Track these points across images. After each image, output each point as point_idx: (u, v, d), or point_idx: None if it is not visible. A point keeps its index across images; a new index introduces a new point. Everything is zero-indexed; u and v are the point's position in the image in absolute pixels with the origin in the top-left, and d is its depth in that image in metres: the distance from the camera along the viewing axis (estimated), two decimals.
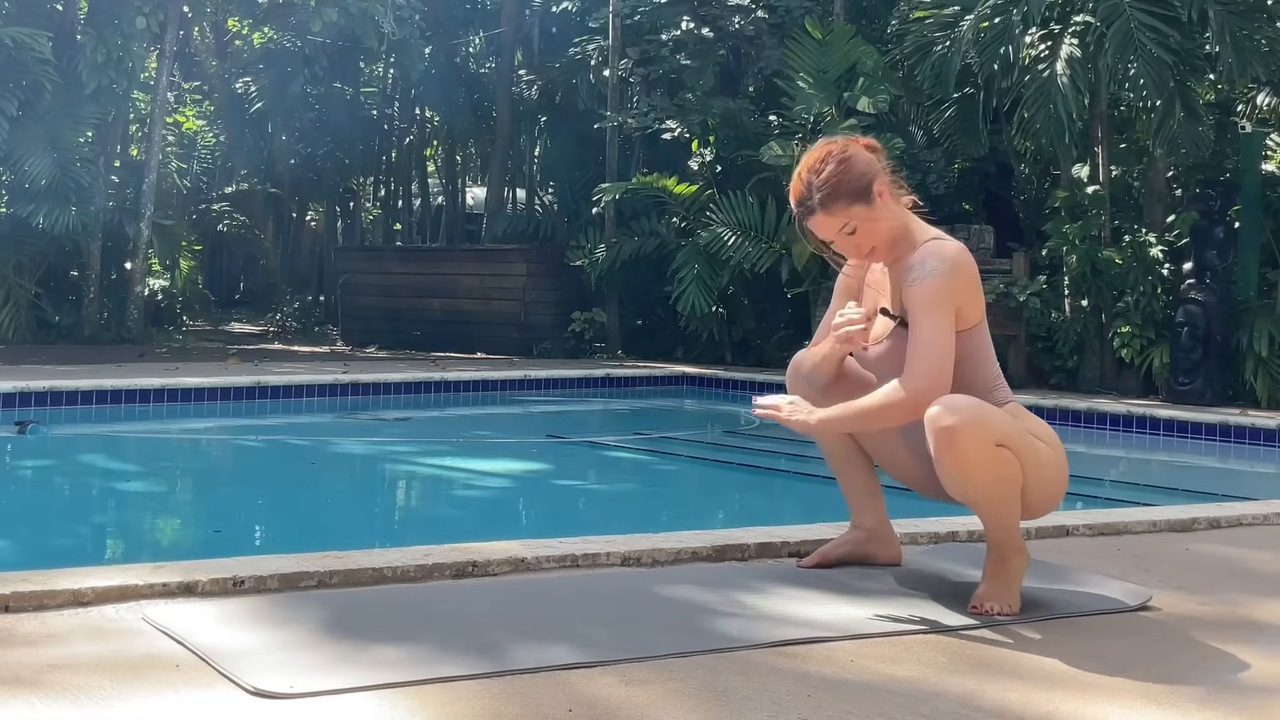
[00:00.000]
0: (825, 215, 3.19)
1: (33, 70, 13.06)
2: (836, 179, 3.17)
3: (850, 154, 3.21)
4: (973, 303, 3.18)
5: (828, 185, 3.18)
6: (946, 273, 3.10)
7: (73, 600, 2.91)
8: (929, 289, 3.10)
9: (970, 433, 2.99)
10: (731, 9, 14.06)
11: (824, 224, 3.21)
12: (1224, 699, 2.54)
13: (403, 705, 2.35)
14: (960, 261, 3.14)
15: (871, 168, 3.20)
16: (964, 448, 2.99)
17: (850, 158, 3.20)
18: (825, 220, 3.20)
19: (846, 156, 3.20)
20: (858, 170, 3.18)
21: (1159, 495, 6.57)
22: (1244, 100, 11.56)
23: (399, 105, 20.31)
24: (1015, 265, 11.18)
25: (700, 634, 2.84)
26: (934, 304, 3.10)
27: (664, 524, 5.96)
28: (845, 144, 3.25)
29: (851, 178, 3.17)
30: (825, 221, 3.20)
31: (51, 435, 8.02)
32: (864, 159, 3.21)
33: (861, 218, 3.17)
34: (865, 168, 3.19)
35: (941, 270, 3.10)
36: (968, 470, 3.02)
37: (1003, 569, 3.13)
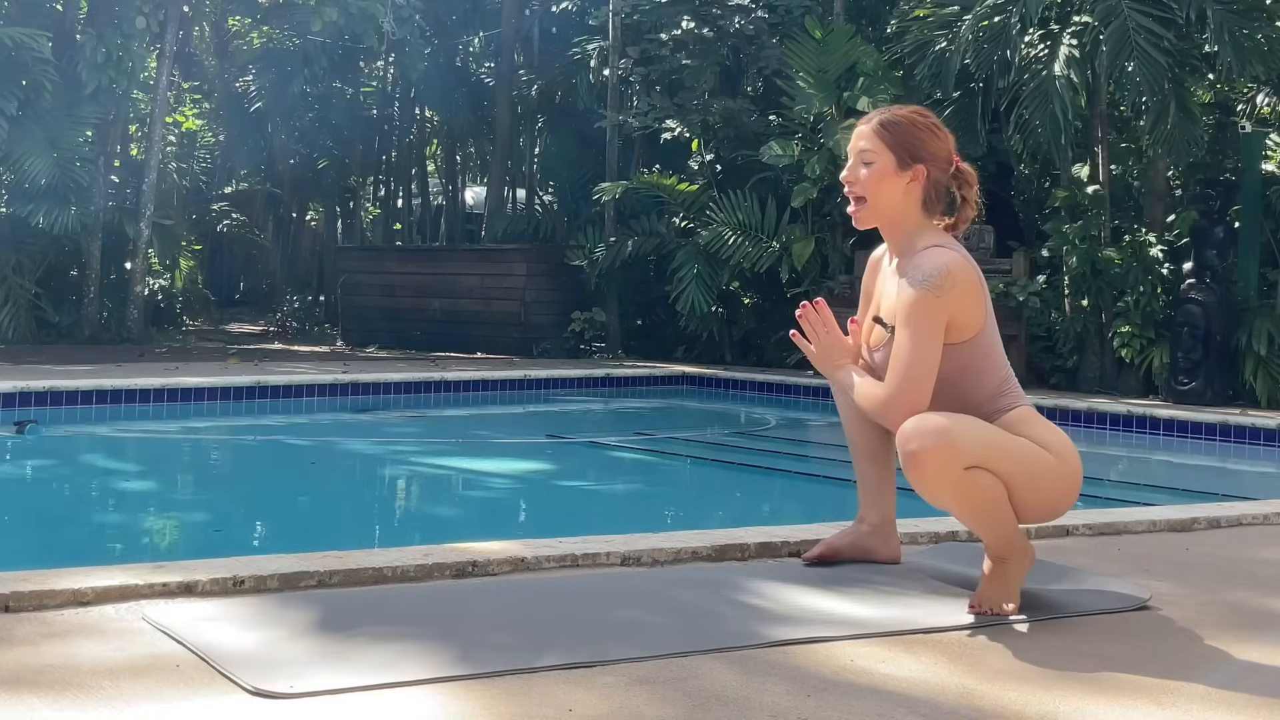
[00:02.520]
0: (870, 130, 3.21)
1: (33, 70, 13.07)
2: (912, 124, 3.20)
3: (941, 137, 3.22)
4: (970, 313, 3.15)
5: (901, 119, 3.20)
6: (937, 285, 3.08)
7: (73, 600, 2.91)
8: (912, 302, 3.09)
9: (934, 458, 2.96)
10: (731, 9, 14.06)
11: (861, 136, 3.23)
12: (1224, 699, 2.54)
13: (402, 705, 2.35)
14: (955, 271, 3.10)
15: (936, 157, 3.18)
16: (929, 473, 2.99)
17: (938, 136, 3.21)
18: (865, 134, 3.22)
19: (936, 133, 3.21)
20: (930, 143, 3.19)
21: (1159, 495, 6.58)
22: (1243, 100, 11.56)
23: (399, 105, 20.31)
24: (1015, 265, 11.18)
25: (700, 634, 2.84)
26: (915, 317, 3.09)
27: (664, 524, 5.96)
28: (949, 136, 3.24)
29: (919, 138, 3.18)
30: (864, 134, 3.22)
31: (50, 435, 8.01)
32: (942, 151, 3.20)
33: (884, 165, 3.18)
34: (934, 151, 3.19)
35: (932, 282, 3.08)
36: (936, 494, 3.04)
37: (1001, 570, 3.13)
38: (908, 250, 3.20)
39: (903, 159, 3.16)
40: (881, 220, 3.23)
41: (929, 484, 3.00)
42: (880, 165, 3.18)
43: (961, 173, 3.23)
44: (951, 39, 11.16)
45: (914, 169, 3.16)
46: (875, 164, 3.18)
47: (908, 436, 3.00)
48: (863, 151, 3.21)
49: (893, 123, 3.19)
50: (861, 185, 3.20)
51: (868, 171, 3.19)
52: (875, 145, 3.19)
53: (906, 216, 3.20)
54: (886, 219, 3.22)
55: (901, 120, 3.20)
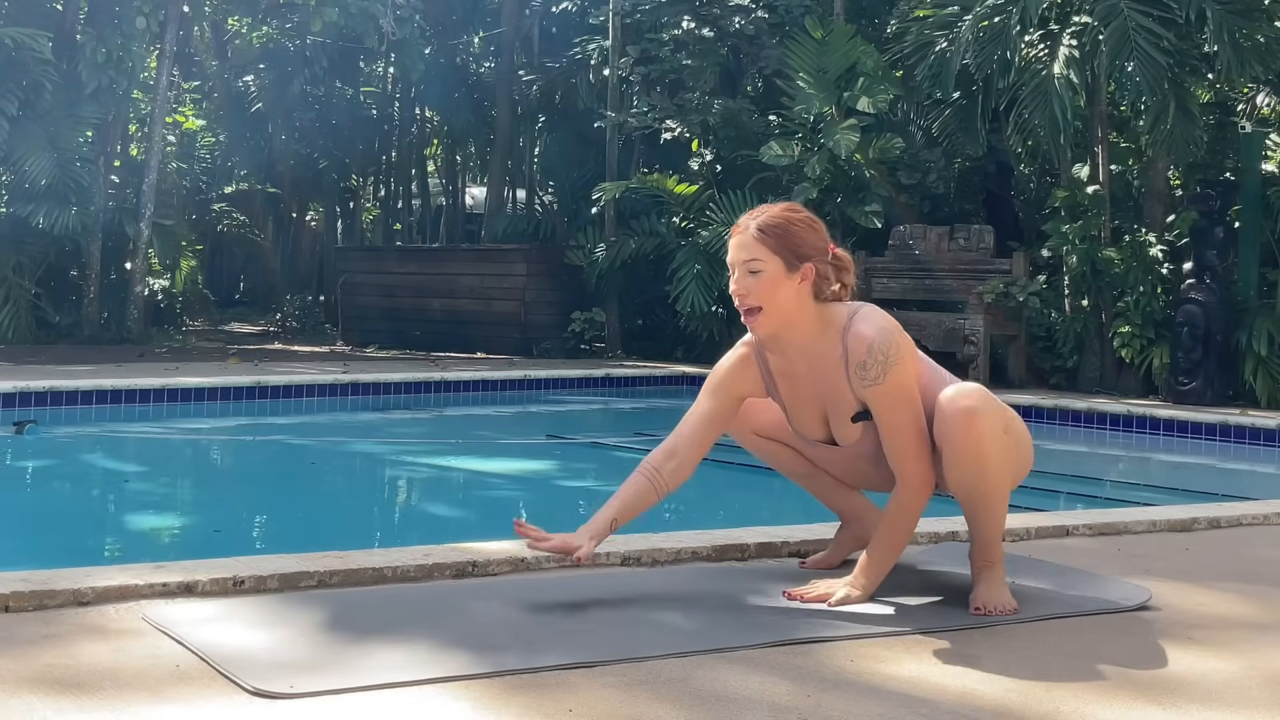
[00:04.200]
0: (751, 239, 3.14)
1: (33, 70, 13.07)
2: (789, 224, 3.15)
3: (817, 230, 3.19)
4: (911, 362, 3.17)
5: (779, 221, 3.15)
6: (896, 357, 3.08)
7: (73, 600, 2.91)
8: (894, 382, 3.09)
9: (987, 413, 3.08)
10: (732, 9, 14.06)
11: (743, 246, 3.15)
12: (1224, 699, 2.54)
13: (403, 705, 2.35)
14: (896, 336, 3.12)
15: (819, 251, 3.15)
16: (984, 427, 3.06)
17: (814, 229, 3.18)
18: (747, 243, 3.14)
19: (813, 227, 3.19)
20: (810, 240, 3.15)
21: (1159, 495, 6.57)
22: (1243, 100, 11.56)
23: (399, 105, 20.32)
24: (1015, 265, 11.18)
25: (700, 634, 2.84)
26: (902, 395, 3.11)
27: (664, 524, 5.96)
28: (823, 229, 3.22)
29: (799, 238, 3.14)
30: (746, 244, 3.14)
31: (50, 435, 8.01)
32: (821, 245, 3.17)
33: (773, 271, 3.12)
34: (816, 246, 3.16)
35: (892, 357, 3.08)
36: (983, 451, 3.07)
37: (991, 573, 3.16)
38: (814, 339, 3.18)
39: (790, 261, 3.12)
40: (781, 324, 3.16)
41: (982, 439, 3.06)
42: (769, 272, 3.12)
43: (839, 259, 3.20)
44: (951, 39, 11.16)
45: (802, 269, 3.12)
46: (764, 271, 3.12)
47: (956, 398, 3.08)
48: (748, 261, 3.13)
49: (771, 226, 3.13)
50: (755, 295, 3.13)
51: (757, 280, 3.13)
52: (760, 252, 3.12)
53: (803, 314, 3.16)
54: (785, 322, 3.16)
55: (779, 222, 3.15)
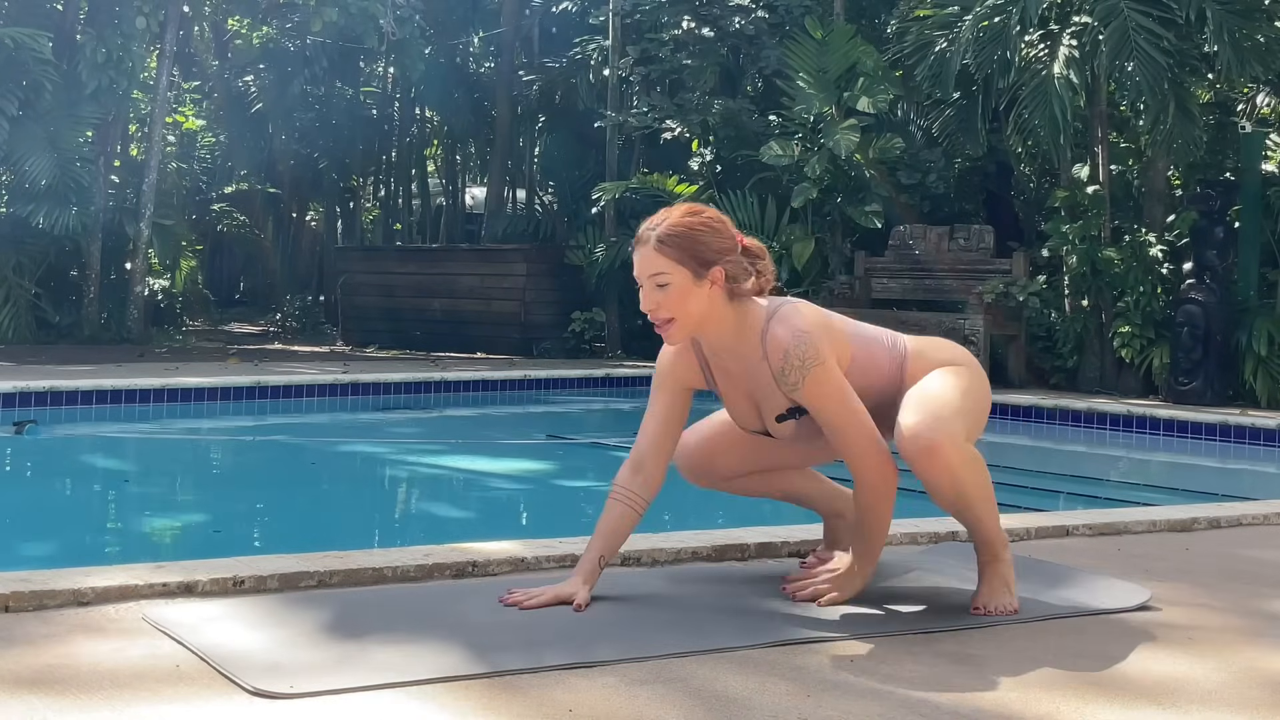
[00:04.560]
0: (653, 251, 3.02)
1: (33, 70, 13.07)
2: (690, 230, 3.03)
3: (720, 229, 3.07)
4: (840, 348, 3.11)
5: (679, 229, 3.03)
6: (814, 359, 3.00)
7: (73, 600, 2.91)
8: (816, 382, 3.02)
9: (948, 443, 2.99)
10: (732, 9, 14.06)
11: (646, 260, 3.03)
12: (1224, 699, 2.54)
13: (403, 705, 2.35)
14: (812, 337, 3.03)
15: (726, 251, 3.04)
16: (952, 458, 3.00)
17: (718, 230, 3.06)
18: (650, 257, 3.02)
19: (715, 227, 3.06)
20: (714, 243, 3.04)
21: (1159, 495, 6.57)
22: (1244, 100, 11.56)
23: (399, 105, 20.33)
24: (1015, 265, 11.18)
25: (700, 634, 2.84)
26: (829, 392, 3.03)
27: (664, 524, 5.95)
28: (726, 222, 3.11)
29: (703, 243, 3.02)
30: (649, 258, 3.02)
31: (49, 435, 8.01)
32: (727, 244, 3.06)
33: (680, 282, 3.01)
34: (721, 248, 3.04)
35: (809, 360, 3.00)
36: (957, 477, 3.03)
37: (997, 568, 3.14)
38: (734, 340, 3.11)
39: (696, 269, 3.01)
40: (694, 330, 3.09)
41: (950, 469, 3.01)
42: (677, 283, 3.01)
43: (750, 250, 3.11)
44: (951, 39, 11.16)
45: (710, 274, 3.02)
46: (671, 284, 3.01)
47: (915, 433, 3.00)
48: (654, 275, 3.02)
49: (672, 236, 3.01)
50: (665, 309, 3.03)
51: (665, 293, 3.01)
52: (664, 265, 3.01)
53: (719, 318, 3.07)
54: (699, 328, 3.08)
55: (680, 230, 3.02)
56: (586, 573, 3.09)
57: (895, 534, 3.90)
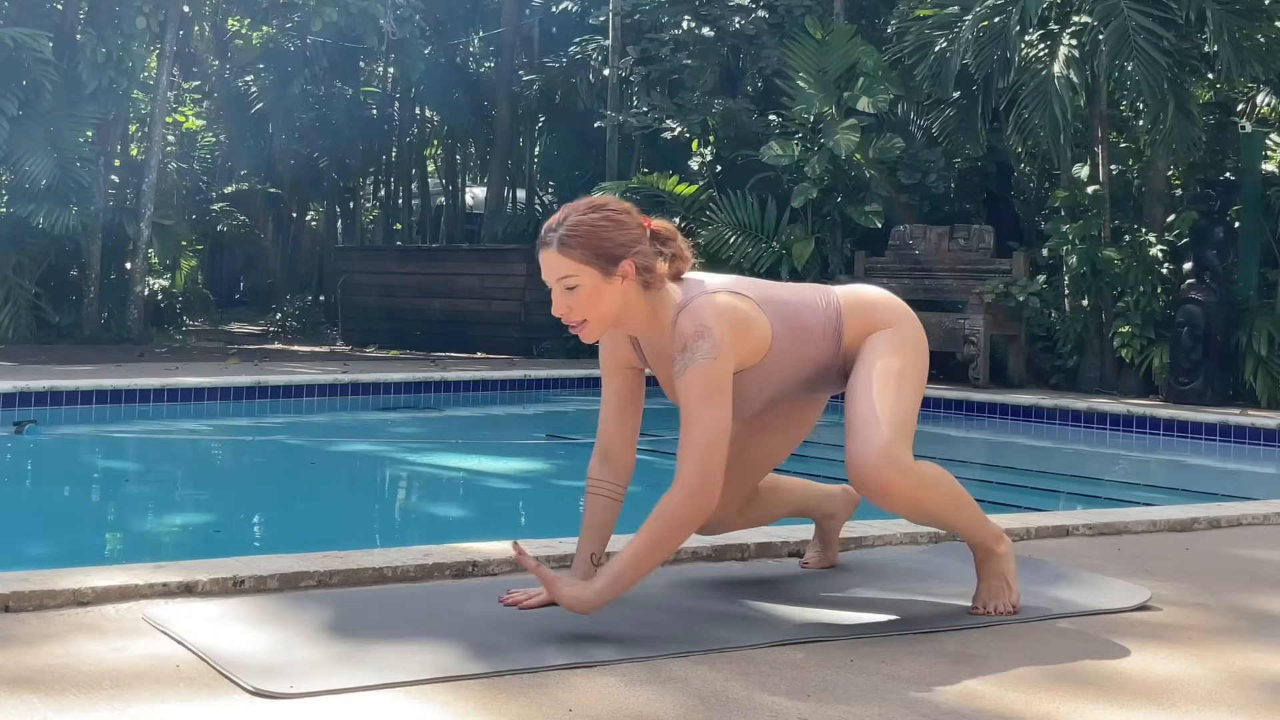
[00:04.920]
0: (556, 254, 2.89)
1: (33, 70, 13.07)
2: (592, 228, 2.90)
3: (624, 221, 2.94)
4: (753, 341, 2.98)
5: (580, 228, 2.90)
6: (708, 354, 2.86)
7: (73, 600, 2.91)
8: (690, 379, 2.87)
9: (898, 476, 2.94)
10: (732, 8, 14.06)
11: (551, 263, 2.90)
12: (1224, 699, 2.54)
13: (403, 705, 2.35)
14: (718, 328, 2.88)
15: (633, 243, 2.91)
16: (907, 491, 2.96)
17: (621, 222, 2.93)
18: (554, 260, 2.89)
19: (618, 220, 2.93)
20: (619, 237, 2.90)
21: (1159, 495, 6.57)
22: (1244, 100, 11.56)
23: (399, 105, 20.34)
24: (1015, 265, 11.18)
25: (700, 634, 2.84)
26: (697, 393, 2.86)
27: None
28: (630, 210, 2.98)
29: (607, 238, 2.89)
30: (553, 261, 2.90)
31: (49, 435, 8.01)
32: (630, 234, 2.92)
33: (589, 283, 2.89)
34: (627, 241, 2.91)
35: (702, 353, 2.86)
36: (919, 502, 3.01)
37: (994, 566, 3.13)
38: (654, 329, 3.00)
39: (604, 267, 2.88)
40: (611, 328, 2.99)
41: (907, 496, 2.97)
42: (585, 285, 2.88)
43: (659, 234, 2.98)
44: (951, 39, 11.16)
45: (620, 269, 2.89)
46: (580, 286, 2.88)
47: (864, 476, 2.93)
48: (561, 279, 2.89)
49: (573, 236, 2.88)
50: (578, 312, 2.91)
51: (575, 295, 2.89)
52: (570, 267, 2.88)
53: (634, 311, 2.96)
54: (615, 324, 2.98)
55: (581, 229, 2.89)
56: (583, 573, 3.09)
57: (895, 534, 3.91)
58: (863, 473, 2.94)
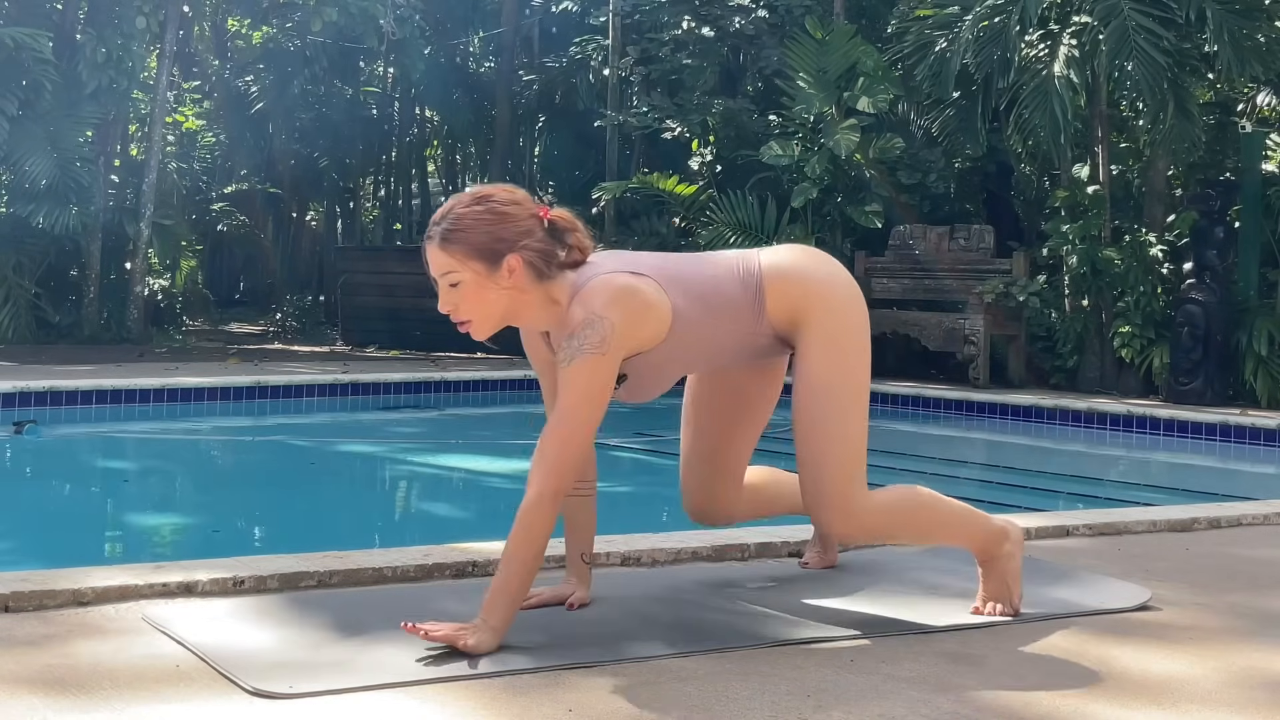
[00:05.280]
0: (438, 250, 2.78)
1: (33, 70, 13.06)
2: (475, 223, 2.77)
3: (511, 214, 2.80)
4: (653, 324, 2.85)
5: (462, 223, 2.77)
6: (597, 345, 2.74)
7: (73, 600, 2.91)
8: (574, 375, 2.75)
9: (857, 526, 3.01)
10: (732, 8, 14.07)
11: (434, 259, 2.79)
12: (1224, 698, 2.54)
13: (403, 705, 2.35)
14: (611, 318, 2.75)
15: (522, 234, 2.79)
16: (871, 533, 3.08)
17: (507, 215, 2.79)
18: (437, 256, 2.78)
19: (504, 213, 2.79)
20: (503, 232, 2.77)
21: (1159, 495, 6.58)
22: (1244, 100, 11.56)
23: (399, 105, 20.33)
24: (1015, 265, 11.18)
25: (700, 634, 2.84)
26: (579, 391, 2.75)
27: (664, 524, 5.96)
28: (520, 201, 2.84)
29: (490, 234, 2.76)
30: (436, 257, 2.79)
31: (49, 435, 8.01)
32: (517, 226, 2.79)
33: (474, 279, 2.77)
34: (514, 235, 2.78)
35: (591, 344, 2.74)
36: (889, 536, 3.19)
37: (994, 567, 3.12)
38: (554, 319, 2.88)
39: (489, 262, 2.76)
40: (499, 324, 2.87)
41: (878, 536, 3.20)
42: (470, 281, 2.77)
43: (557, 223, 2.85)
44: (951, 39, 11.16)
45: (506, 262, 2.77)
46: (464, 282, 2.77)
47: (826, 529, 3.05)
48: (444, 275, 2.78)
49: (455, 232, 2.76)
50: (464, 309, 2.81)
51: (459, 292, 2.78)
52: (452, 264, 2.76)
53: (527, 304, 2.84)
54: (504, 321, 2.86)
55: (463, 224, 2.77)
56: (577, 573, 3.08)
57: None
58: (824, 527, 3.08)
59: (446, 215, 2.81)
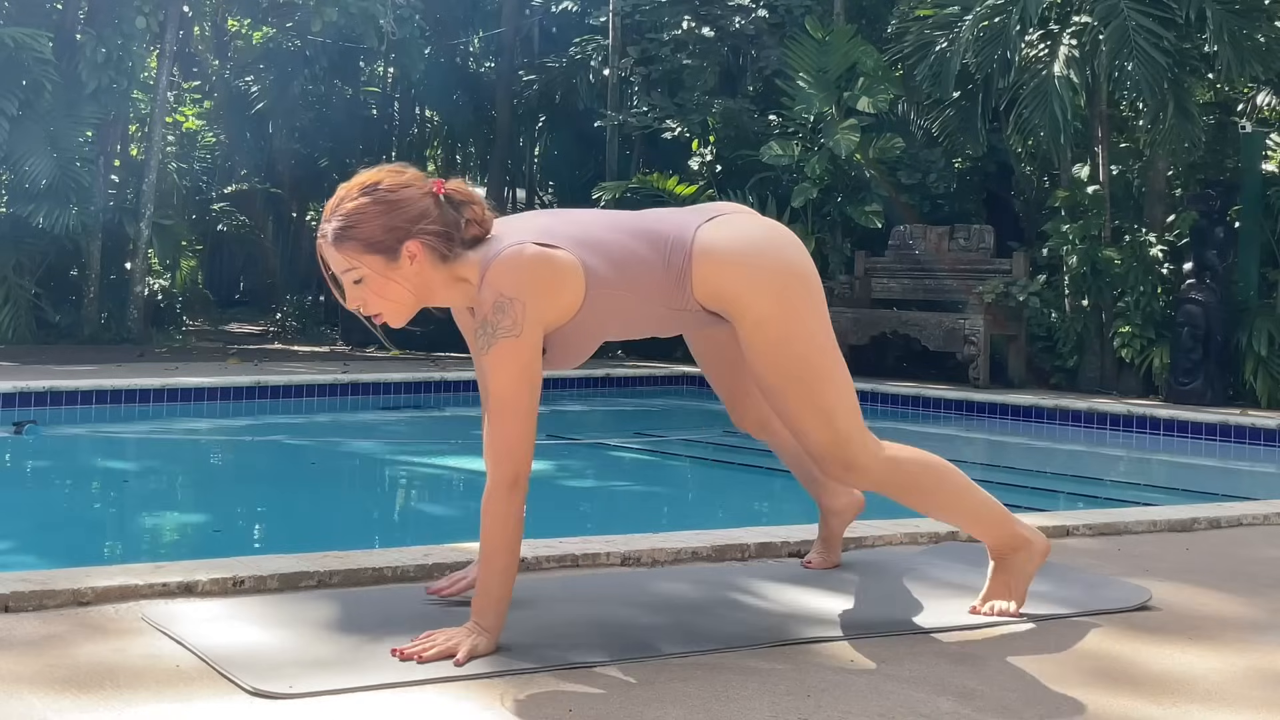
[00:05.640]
0: (332, 250, 2.69)
1: (33, 70, 13.06)
2: (365, 216, 2.67)
3: (402, 200, 2.68)
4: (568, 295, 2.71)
5: (351, 216, 2.67)
6: (510, 327, 2.63)
7: (73, 600, 2.91)
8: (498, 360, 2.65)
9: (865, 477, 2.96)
10: (732, 8, 14.07)
11: (331, 259, 2.71)
12: (1224, 698, 2.54)
13: (402, 705, 2.35)
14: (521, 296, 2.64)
15: (417, 218, 2.67)
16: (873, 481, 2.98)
17: (398, 202, 2.68)
18: (333, 256, 2.70)
19: (394, 200, 2.68)
20: (396, 220, 2.67)
21: (1159, 495, 6.58)
22: (1244, 100, 11.57)
23: (399, 105, 20.33)
24: (1015, 265, 11.19)
25: (700, 634, 2.84)
26: (509, 376, 2.65)
27: (664, 524, 5.96)
28: (410, 182, 2.72)
29: (384, 225, 2.66)
30: (332, 257, 2.70)
31: (49, 435, 8.01)
32: (410, 210, 2.68)
33: (375, 272, 2.68)
34: (408, 220, 2.67)
35: (506, 327, 2.63)
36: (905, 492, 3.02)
37: (1005, 568, 3.11)
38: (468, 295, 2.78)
39: (388, 253, 2.66)
40: (414, 310, 2.77)
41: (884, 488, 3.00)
42: (371, 275, 2.68)
43: (454, 197, 2.73)
44: (951, 39, 11.16)
45: (405, 249, 2.66)
46: (366, 277, 2.68)
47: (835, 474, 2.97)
48: (345, 273, 2.69)
49: (345, 230, 2.66)
50: (373, 304, 2.72)
51: (363, 288, 2.70)
52: (349, 261, 2.67)
53: (434, 287, 2.74)
54: (419, 303, 2.76)
55: (354, 218, 2.66)
56: None
57: (895, 534, 3.91)
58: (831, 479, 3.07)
59: (335, 211, 2.70)
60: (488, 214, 2.76)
